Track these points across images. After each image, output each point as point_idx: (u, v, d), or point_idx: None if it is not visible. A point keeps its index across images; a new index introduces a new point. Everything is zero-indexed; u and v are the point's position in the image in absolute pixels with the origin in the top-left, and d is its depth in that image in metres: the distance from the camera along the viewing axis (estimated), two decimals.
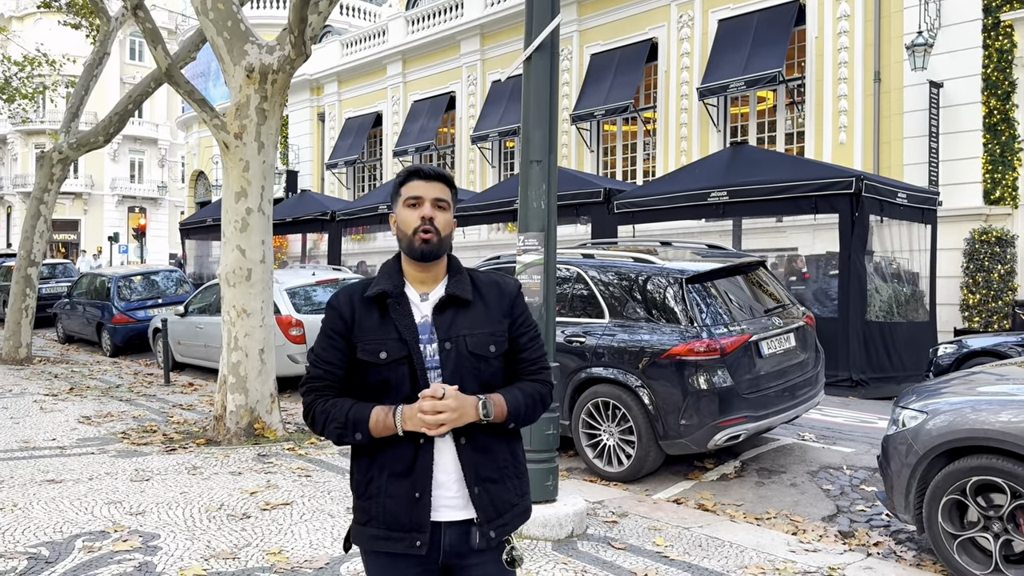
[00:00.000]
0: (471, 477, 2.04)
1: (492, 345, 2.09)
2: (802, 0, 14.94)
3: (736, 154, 11.83)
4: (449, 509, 2.05)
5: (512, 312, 2.16)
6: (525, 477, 2.20)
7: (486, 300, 2.14)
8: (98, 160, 46.08)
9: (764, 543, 4.70)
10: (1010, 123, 12.73)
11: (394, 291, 2.10)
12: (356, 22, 30.13)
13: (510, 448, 2.15)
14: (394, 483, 2.04)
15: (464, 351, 2.06)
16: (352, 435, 2.03)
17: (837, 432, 7.66)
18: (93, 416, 8.68)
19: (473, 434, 2.04)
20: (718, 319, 6.16)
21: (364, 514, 2.09)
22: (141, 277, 16.35)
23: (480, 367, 2.07)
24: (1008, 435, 4.04)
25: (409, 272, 2.14)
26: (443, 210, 2.10)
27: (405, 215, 2.10)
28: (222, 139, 7.56)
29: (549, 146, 4.94)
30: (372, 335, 2.06)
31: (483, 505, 2.05)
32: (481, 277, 2.19)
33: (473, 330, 2.08)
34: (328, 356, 2.12)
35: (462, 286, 2.12)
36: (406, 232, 2.09)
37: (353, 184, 25.43)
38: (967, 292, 12.93)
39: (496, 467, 2.09)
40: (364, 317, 2.09)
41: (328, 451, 7.00)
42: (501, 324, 2.12)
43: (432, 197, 2.09)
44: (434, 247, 2.07)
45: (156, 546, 4.57)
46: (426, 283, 2.13)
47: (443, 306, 2.09)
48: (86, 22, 15.68)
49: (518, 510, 2.14)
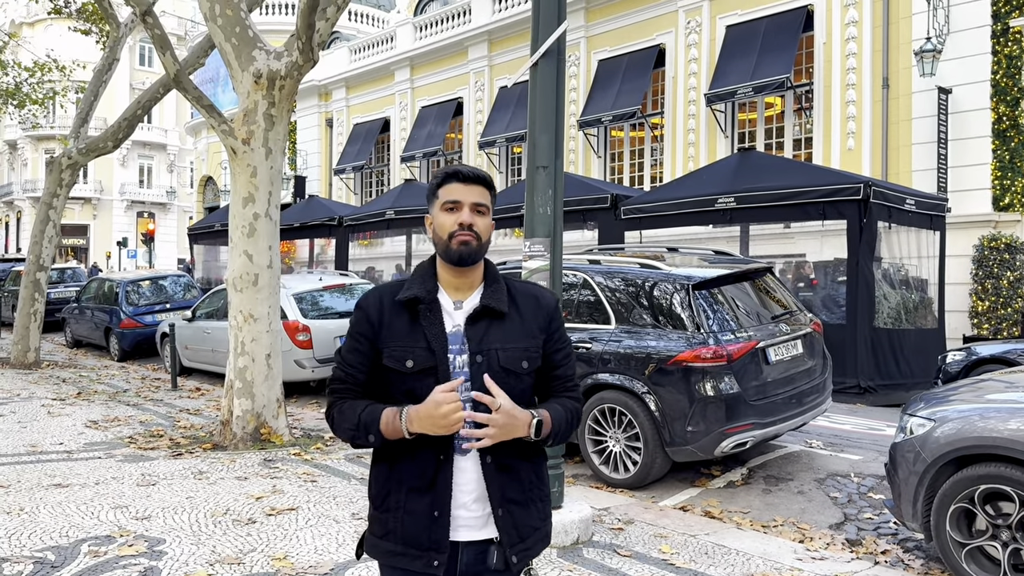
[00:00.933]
0: (496, 498, 1.97)
1: (525, 361, 2.01)
2: (810, 6, 14.92)
3: (744, 160, 11.80)
4: (468, 529, 1.98)
5: (549, 327, 2.07)
6: (548, 500, 2.13)
7: (522, 312, 2.05)
8: (107, 165, 46.36)
9: (771, 551, 4.68)
10: (1019, 129, 12.67)
11: (426, 297, 2.01)
12: (364, 28, 30.24)
13: (535, 470, 2.08)
14: (413, 499, 1.97)
15: (495, 365, 1.97)
16: (364, 437, 1.97)
17: (845, 439, 7.62)
18: (100, 420, 8.70)
19: (499, 453, 1.97)
20: (725, 325, 6.14)
21: (381, 527, 2.02)
22: (149, 282, 16.41)
23: (511, 382, 1.97)
24: (1017, 443, 4.01)
25: (444, 277, 2.05)
26: (482, 215, 2.01)
27: (442, 219, 2.01)
28: (230, 145, 7.59)
29: (555, 152, 4.94)
30: (400, 341, 1.99)
31: (506, 528, 1.97)
32: (519, 287, 2.11)
33: (506, 344, 2.00)
34: (353, 359, 2.05)
35: (498, 296, 2.03)
36: (442, 236, 2.00)
37: (361, 189, 25.48)
38: (976, 299, 12.87)
39: (521, 489, 2.02)
40: (393, 321, 2.01)
41: (334, 456, 7.00)
42: (536, 339, 2.04)
43: (471, 201, 2.00)
44: (472, 251, 1.98)
45: (162, 551, 4.58)
46: (461, 290, 2.04)
47: (477, 316, 2.00)
48: (96, 28, 15.77)
49: (540, 534, 2.07)
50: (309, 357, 10.36)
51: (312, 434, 7.93)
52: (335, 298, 11.32)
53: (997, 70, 12.86)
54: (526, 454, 2.03)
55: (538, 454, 2.09)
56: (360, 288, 11.74)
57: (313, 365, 10.41)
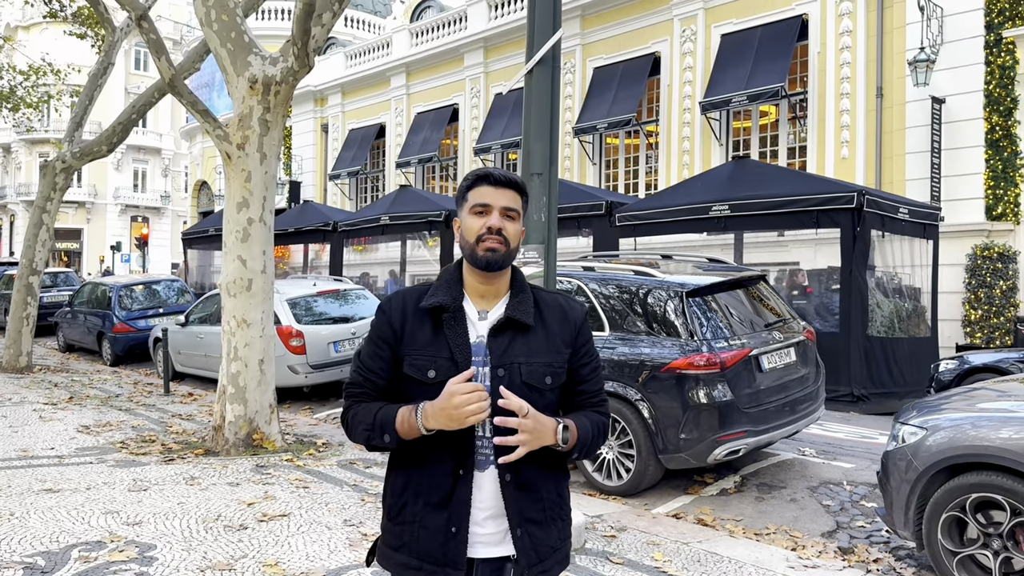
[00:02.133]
0: (515, 518, 1.91)
1: (549, 376, 1.94)
2: (804, 15, 14.99)
3: (738, 168, 11.85)
4: (484, 546, 1.93)
5: (576, 342, 2.01)
6: (569, 520, 2.06)
7: (548, 325, 1.98)
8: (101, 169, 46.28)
9: (763, 559, 4.68)
10: (1012, 139, 12.74)
11: (451, 305, 1.94)
12: (360, 34, 30.28)
13: (557, 488, 2.01)
14: (430, 514, 1.91)
15: (518, 380, 1.90)
16: (380, 437, 1.91)
17: (838, 447, 7.63)
18: (92, 425, 8.67)
19: (519, 470, 1.91)
20: (718, 333, 6.15)
21: (395, 539, 1.97)
22: (142, 287, 16.37)
23: (533, 398, 1.89)
24: (1008, 452, 4.02)
25: (470, 283, 1.98)
26: (512, 219, 1.94)
27: (470, 222, 1.93)
28: (224, 149, 7.58)
29: (550, 159, 4.95)
30: (422, 350, 1.93)
31: (524, 549, 1.92)
32: (546, 298, 2.03)
33: (530, 358, 1.92)
34: (372, 364, 1.99)
35: (523, 308, 1.95)
36: (469, 240, 1.93)
37: (356, 195, 25.49)
38: (969, 308, 12.91)
39: (542, 508, 1.96)
40: (416, 328, 1.95)
41: (327, 463, 6.99)
42: (561, 354, 1.97)
43: (501, 205, 1.93)
44: (500, 257, 1.91)
45: (152, 557, 4.56)
46: (487, 298, 1.98)
47: (500, 328, 1.93)
48: (91, 32, 15.76)
49: (559, 555, 2.01)
50: (303, 363, 10.34)
51: (305, 440, 7.91)
52: (329, 304, 11.31)
53: (990, 80, 12.93)
54: (548, 471, 1.98)
55: (560, 471, 2.03)
56: (354, 294, 11.72)
57: (307, 371, 10.39)
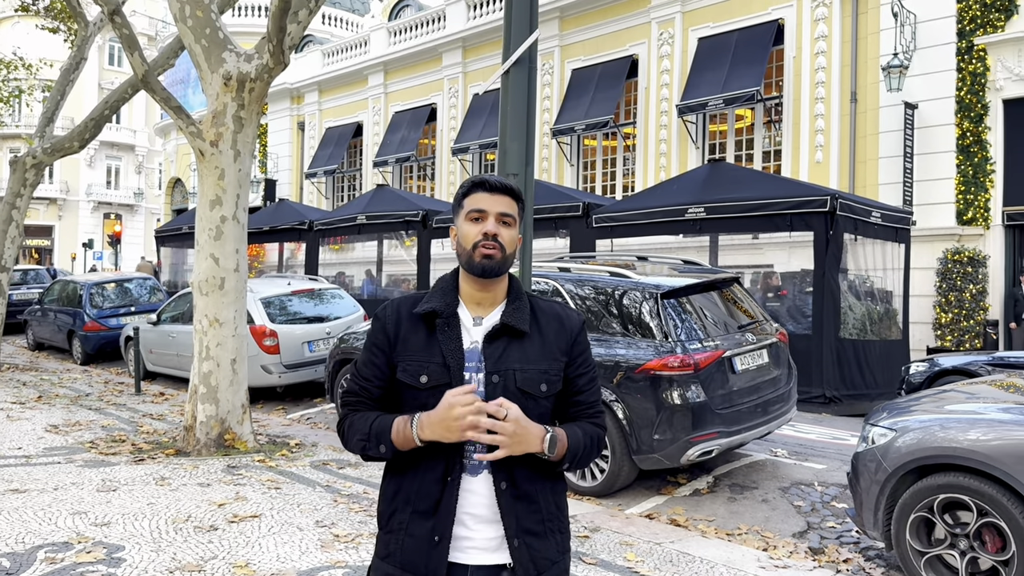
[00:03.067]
0: (511, 528, 1.88)
1: (544, 384, 1.93)
2: (781, 20, 15.12)
3: (714, 171, 11.92)
4: (479, 552, 1.90)
5: (572, 350, 2.00)
6: (568, 532, 2.03)
7: (544, 333, 1.97)
8: (74, 165, 45.67)
9: (735, 559, 4.70)
10: (983, 145, 12.93)
11: (445, 311, 1.94)
12: (338, 32, 30.13)
13: (555, 499, 1.99)
14: (416, 521, 1.90)
15: (512, 387, 1.89)
16: (376, 447, 1.89)
17: (809, 449, 7.69)
18: (61, 425, 8.55)
19: (515, 479, 1.89)
20: (692, 334, 6.18)
21: (384, 548, 1.96)
22: (114, 284, 16.17)
23: (528, 405, 1.88)
24: (976, 453, 4.07)
25: (465, 290, 1.98)
26: (508, 226, 1.94)
27: (466, 229, 1.93)
28: (198, 147, 7.51)
29: (526, 159, 4.95)
30: (415, 355, 1.93)
31: (522, 561, 1.88)
32: (543, 306, 2.03)
33: (525, 365, 1.92)
34: (367, 372, 1.99)
35: (520, 315, 1.95)
36: (466, 247, 1.93)
37: (332, 194, 25.35)
38: (940, 311, 13.08)
39: (540, 519, 1.93)
40: (410, 334, 1.95)
41: (299, 463, 6.94)
42: (557, 362, 1.97)
43: (497, 211, 1.93)
44: (496, 263, 1.91)
45: (120, 558, 4.50)
46: (483, 304, 1.97)
47: (496, 334, 1.93)
48: (64, 26, 15.56)
49: (559, 568, 1.97)
50: (276, 362, 10.26)
51: (277, 441, 7.85)
52: (304, 303, 11.23)
53: (961, 87, 13.11)
54: (546, 480, 1.96)
55: (558, 480, 2.01)
56: (329, 293, 11.66)
57: (280, 371, 10.31)
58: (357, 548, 4.75)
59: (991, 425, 4.17)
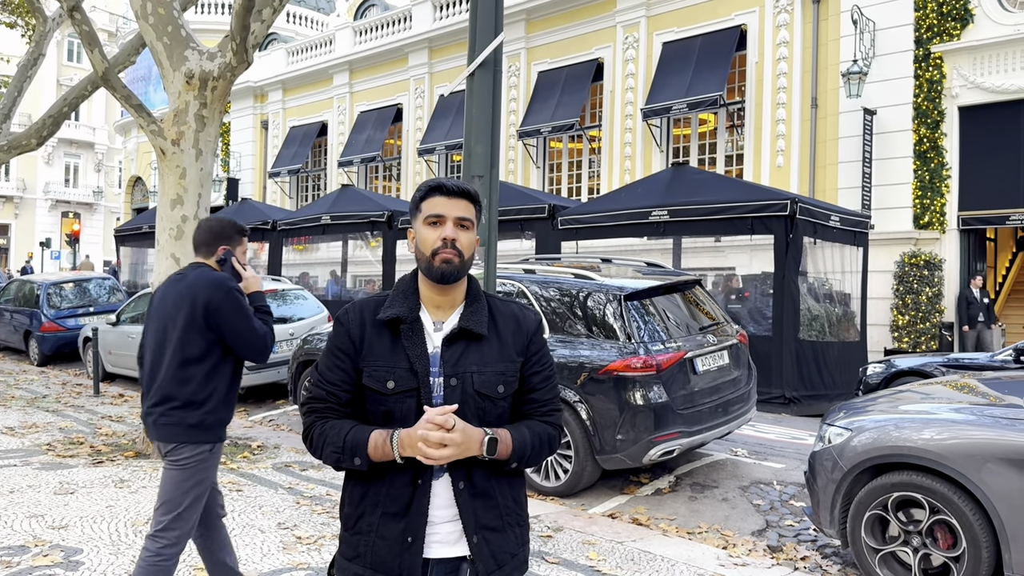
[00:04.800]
0: (471, 524, 1.91)
1: (501, 385, 1.95)
2: (743, 26, 15.32)
3: (677, 174, 12.04)
4: (440, 545, 1.92)
5: (528, 350, 2.01)
6: (527, 525, 2.06)
7: (501, 334, 1.99)
8: (31, 163, 44.77)
9: (695, 557, 4.77)
10: (939, 151, 13.22)
11: (408, 316, 1.95)
12: (303, 31, 29.90)
13: (513, 494, 2.01)
14: (386, 524, 1.91)
15: (470, 389, 1.91)
16: (350, 460, 1.89)
17: (769, 448, 7.81)
18: (17, 427, 8.38)
19: (472, 478, 1.91)
20: (655, 336, 6.24)
21: (351, 549, 1.96)
22: (72, 284, 15.87)
23: (485, 407, 1.92)
24: (929, 452, 4.17)
25: (425, 294, 1.99)
26: (466, 229, 1.95)
27: (425, 233, 1.94)
28: (159, 145, 7.42)
29: (491, 161, 4.97)
30: (381, 361, 1.93)
31: (482, 556, 1.92)
32: (500, 307, 2.04)
33: (483, 367, 1.94)
34: (332, 376, 1.97)
35: (477, 318, 1.96)
36: (425, 252, 1.93)
37: (296, 193, 25.15)
38: (897, 313, 13.35)
39: (497, 514, 1.96)
40: (374, 340, 1.95)
41: (261, 465, 6.89)
42: (514, 363, 1.98)
43: (455, 216, 1.93)
44: (455, 269, 1.92)
45: (79, 561, 4.44)
46: (442, 308, 1.98)
47: (453, 338, 1.94)
48: (22, 21, 15.27)
49: (518, 560, 2.00)
50: None
51: (239, 443, 7.78)
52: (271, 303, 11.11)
53: (919, 93, 13.39)
54: (503, 476, 1.97)
55: (516, 476, 2.03)
56: (293, 294, 11.57)
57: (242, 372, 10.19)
58: (319, 550, 4.74)
59: (944, 425, 4.27)
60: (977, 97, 13.00)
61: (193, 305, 3.35)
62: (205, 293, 3.36)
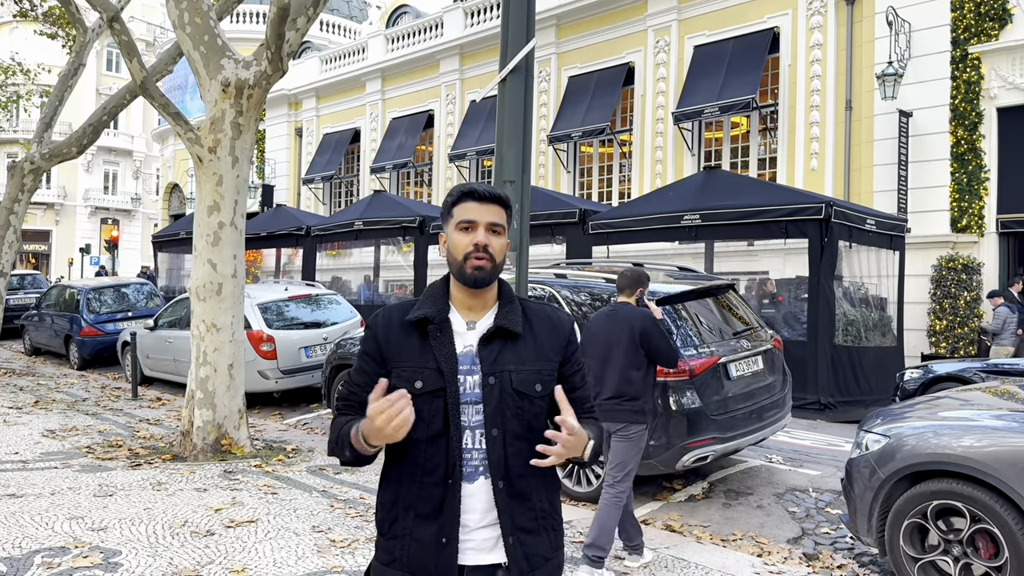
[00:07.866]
0: (507, 525, 1.92)
1: (539, 384, 1.96)
2: (776, 28, 15.19)
3: (709, 178, 11.96)
4: (475, 552, 1.93)
5: (566, 350, 2.04)
6: (561, 530, 2.07)
7: (536, 335, 2.01)
8: (71, 171, 45.64)
9: (729, 564, 4.73)
10: (977, 153, 12.99)
11: (437, 317, 1.96)
12: (336, 39, 30.19)
13: (549, 497, 2.03)
14: (420, 526, 1.92)
15: (508, 388, 1.93)
16: (342, 452, 1.94)
17: (804, 455, 7.72)
18: (58, 430, 8.55)
19: (512, 478, 1.93)
20: (688, 341, 6.20)
21: (387, 554, 1.97)
22: (111, 290, 16.17)
23: (523, 405, 1.94)
24: (969, 460, 4.10)
25: (456, 297, 2.01)
26: (498, 235, 1.97)
27: (456, 239, 1.96)
28: (196, 153, 7.54)
29: (522, 166, 4.99)
30: (409, 362, 1.95)
31: (516, 557, 1.92)
32: (534, 308, 2.07)
33: (520, 366, 1.95)
34: (358, 378, 2.02)
35: (513, 317, 1.98)
36: (456, 257, 1.95)
37: (329, 200, 25.38)
38: (934, 318, 13.13)
39: (534, 516, 1.97)
40: (402, 342, 1.97)
41: (296, 469, 6.95)
42: (551, 362, 2.01)
43: (487, 221, 1.95)
44: (487, 274, 1.94)
45: (117, 563, 4.51)
46: (474, 310, 2.00)
47: (490, 337, 1.96)
48: (62, 32, 15.59)
49: (551, 565, 2.01)
50: (273, 368, 10.27)
51: (274, 446, 7.86)
52: (300, 308, 11.25)
53: (956, 95, 13.18)
54: (540, 479, 1.99)
55: (552, 480, 2.04)
56: (326, 299, 11.68)
57: (277, 376, 10.32)
58: (353, 553, 4.77)
59: (985, 432, 4.20)
60: (1016, 98, 12.76)
61: (632, 330, 4.70)
62: (640, 323, 4.71)
